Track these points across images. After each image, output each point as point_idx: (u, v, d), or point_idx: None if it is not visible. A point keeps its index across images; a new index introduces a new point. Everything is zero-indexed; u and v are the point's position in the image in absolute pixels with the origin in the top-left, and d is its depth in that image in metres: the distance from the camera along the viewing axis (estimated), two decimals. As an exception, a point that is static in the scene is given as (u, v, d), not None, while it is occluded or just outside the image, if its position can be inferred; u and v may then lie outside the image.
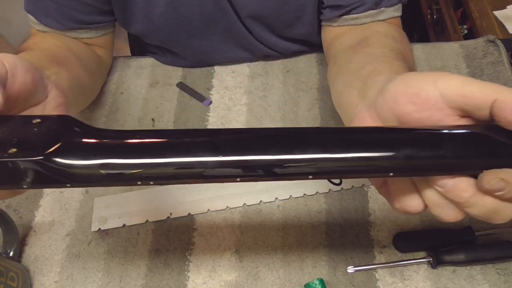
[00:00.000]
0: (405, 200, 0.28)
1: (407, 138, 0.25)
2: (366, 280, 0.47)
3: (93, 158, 0.24)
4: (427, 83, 0.26)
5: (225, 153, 0.24)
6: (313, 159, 0.25)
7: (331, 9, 0.54)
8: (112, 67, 0.69)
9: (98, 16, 0.58)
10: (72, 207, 0.55)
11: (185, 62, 0.68)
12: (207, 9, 0.58)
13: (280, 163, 0.25)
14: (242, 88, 0.65)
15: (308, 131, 0.27)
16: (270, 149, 0.25)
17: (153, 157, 0.24)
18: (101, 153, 0.25)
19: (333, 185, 0.54)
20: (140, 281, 0.49)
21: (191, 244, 0.52)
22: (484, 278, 0.47)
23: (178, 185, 0.56)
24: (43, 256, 0.52)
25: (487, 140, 0.25)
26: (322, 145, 0.25)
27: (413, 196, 0.28)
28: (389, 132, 0.26)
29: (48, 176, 0.25)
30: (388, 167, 0.25)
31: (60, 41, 0.55)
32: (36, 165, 0.24)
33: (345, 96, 0.40)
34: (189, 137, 0.25)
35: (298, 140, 0.25)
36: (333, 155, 0.25)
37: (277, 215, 0.53)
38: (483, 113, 0.25)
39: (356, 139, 0.25)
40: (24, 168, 0.24)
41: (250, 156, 0.24)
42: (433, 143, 0.25)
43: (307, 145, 0.25)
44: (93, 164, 0.24)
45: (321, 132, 0.27)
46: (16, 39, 1.64)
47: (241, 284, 0.48)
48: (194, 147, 0.25)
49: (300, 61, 0.68)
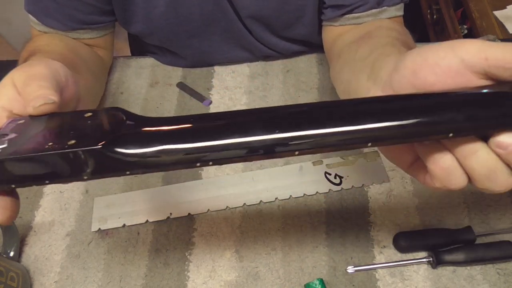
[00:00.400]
0: (448, 176, 0.27)
1: (456, 99, 0.25)
2: (366, 280, 0.47)
3: (151, 145, 0.25)
4: (445, 51, 0.26)
5: (282, 130, 0.25)
6: (384, 127, 0.25)
7: (333, 9, 0.54)
8: (112, 67, 0.69)
9: (99, 16, 0.58)
10: (72, 207, 0.55)
11: (185, 62, 0.68)
12: (207, 9, 0.58)
13: (341, 134, 0.25)
14: (242, 88, 0.65)
15: (361, 102, 0.27)
16: (329, 122, 0.25)
17: (213, 139, 0.25)
18: (159, 139, 0.25)
19: (333, 185, 0.54)
20: (140, 281, 0.49)
21: (191, 244, 0.52)
22: (484, 278, 0.47)
23: (178, 185, 0.56)
24: (43, 256, 0.52)
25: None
26: (389, 112, 0.25)
27: (456, 170, 0.27)
28: (439, 96, 0.26)
29: (108, 165, 0.26)
30: (450, 128, 0.25)
31: (68, 44, 0.55)
32: (96, 155, 0.25)
33: (354, 83, 0.39)
34: (244, 117, 0.26)
35: (356, 111, 0.26)
36: (402, 121, 0.25)
37: (277, 215, 0.53)
38: (509, 73, 0.25)
39: (416, 103, 0.26)
40: (84, 158, 0.25)
41: (305, 131, 0.25)
42: (486, 100, 0.25)
43: (367, 115, 0.25)
44: (152, 151, 0.25)
45: (384, 100, 0.27)
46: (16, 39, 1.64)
47: (241, 284, 0.48)
48: (251, 126, 0.25)
49: (300, 61, 0.68)
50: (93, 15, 0.57)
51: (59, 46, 0.53)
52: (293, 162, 0.57)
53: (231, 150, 0.25)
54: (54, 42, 0.54)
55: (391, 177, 0.55)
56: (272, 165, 0.57)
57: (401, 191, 0.53)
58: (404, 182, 0.54)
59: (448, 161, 0.27)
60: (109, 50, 0.64)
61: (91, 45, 0.60)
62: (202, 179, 0.57)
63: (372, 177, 0.55)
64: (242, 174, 0.56)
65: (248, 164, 0.57)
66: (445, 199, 0.52)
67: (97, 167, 0.26)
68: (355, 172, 0.55)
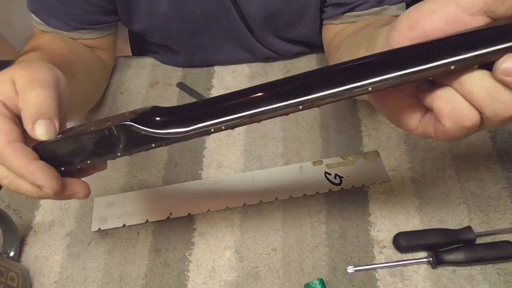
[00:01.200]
0: (455, 108, 0.27)
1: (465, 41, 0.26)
2: (366, 280, 0.47)
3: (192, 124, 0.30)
4: (438, 1, 0.26)
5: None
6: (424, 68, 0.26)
7: (334, 7, 0.54)
8: (112, 67, 0.69)
9: (102, 16, 0.58)
10: (72, 207, 0.55)
11: (186, 61, 0.68)
12: (210, 8, 0.58)
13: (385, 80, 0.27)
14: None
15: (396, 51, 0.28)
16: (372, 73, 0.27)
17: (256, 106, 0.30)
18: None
19: (333, 185, 0.54)
20: (140, 281, 0.49)
21: (191, 244, 0.52)
22: (484, 278, 0.47)
23: (178, 185, 0.56)
24: (43, 256, 0.52)
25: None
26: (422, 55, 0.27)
27: (460, 101, 0.27)
28: (443, 41, 0.27)
29: (136, 139, 0.30)
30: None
31: (69, 45, 0.55)
32: (126, 129, 0.30)
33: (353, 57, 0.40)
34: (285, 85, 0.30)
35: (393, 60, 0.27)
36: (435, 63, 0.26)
37: (277, 215, 0.53)
38: (505, 6, 0.25)
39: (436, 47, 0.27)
40: (117, 134, 0.30)
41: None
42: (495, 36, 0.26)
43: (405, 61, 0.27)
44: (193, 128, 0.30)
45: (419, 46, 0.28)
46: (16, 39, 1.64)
47: (241, 284, 0.48)
48: (311, 84, 0.29)
49: (300, 61, 0.68)
50: (97, 15, 0.57)
51: (60, 46, 0.53)
52: (293, 162, 0.57)
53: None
54: (55, 41, 0.54)
55: (391, 177, 0.55)
56: (272, 165, 0.57)
57: (401, 191, 0.53)
58: (404, 182, 0.54)
59: (451, 92, 0.27)
60: (111, 51, 0.64)
61: (93, 46, 0.60)
62: (202, 179, 0.57)
63: (372, 177, 0.55)
64: (242, 174, 0.56)
65: (248, 164, 0.57)
66: (445, 199, 0.52)
67: (128, 141, 0.30)
68: (355, 172, 0.55)
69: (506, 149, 0.56)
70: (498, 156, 0.55)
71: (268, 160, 0.58)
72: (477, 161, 0.55)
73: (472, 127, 0.27)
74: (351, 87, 0.27)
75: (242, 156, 0.58)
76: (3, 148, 0.30)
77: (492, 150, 0.56)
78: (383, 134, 0.58)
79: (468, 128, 0.27)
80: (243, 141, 0.60)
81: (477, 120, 0.27)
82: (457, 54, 0.26)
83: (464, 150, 0.56)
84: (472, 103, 0.27)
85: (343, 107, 0.62)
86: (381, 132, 0.59)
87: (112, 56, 0.65)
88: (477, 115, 0.27)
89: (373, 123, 0.60)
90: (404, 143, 0.57)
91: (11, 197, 0.56)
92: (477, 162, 0.55)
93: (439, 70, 0.26)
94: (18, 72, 0.33)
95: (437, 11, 0.26)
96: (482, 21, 0.26)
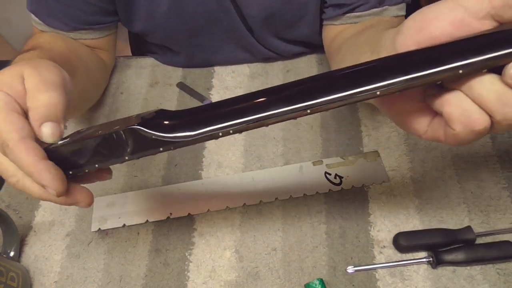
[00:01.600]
0: (465, 112, 0.27)
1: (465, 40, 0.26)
2: (366, 280, 0.47)
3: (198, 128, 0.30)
4: (448, 5, 0.26)
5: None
6: (434, 72, 0.26)
7: (334, 8, 0.54)
8: (112, 67, 0.69)
9: (102, 17, 0.58)
10: (72, 207, 0.55)
11: (186, 61, 0.68)
12: (210, 8, 0.58)
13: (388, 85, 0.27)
14: (242, 88, 0.65)
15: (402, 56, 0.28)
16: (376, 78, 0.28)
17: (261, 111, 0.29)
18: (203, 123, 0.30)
19: (333, 185, 0.54)
20: (140, 281, 0.49)
21: (191, 244, 0.52)
22: (484, 278, 0.47)
23: (178, 185, 0.56)
24: (43, 256, 0.52)
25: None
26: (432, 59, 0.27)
27: (470, 105, 0.27)
28: (455, 44, 0.27)
29: (144, 143, 0.31)
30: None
31: (69, 45, 0.55)
32: (134, 133, 0.30)
33: (357, 61, 0.39)
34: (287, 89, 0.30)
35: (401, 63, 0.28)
36: (448, 65, 0.26)
37: (277, 215, 0.53)
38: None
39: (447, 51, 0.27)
40: (125, 138, 0.31)
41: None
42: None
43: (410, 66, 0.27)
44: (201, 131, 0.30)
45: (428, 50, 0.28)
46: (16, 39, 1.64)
47: (241, 284, 0.48)
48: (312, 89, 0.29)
49: (300, 62, 0.68)
50: (96, 16, 0.57)
51: (59, 45, 0.53)
52: (293, 162, 0.57)
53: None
54: (55, 40, 0.54)
55: (391, 177, 0.55)
56: (272, 165, 0.57)
57: (401, 191, 0.53)
58: (404, 182, 0.54)
59: (460, 96, 0.27)
60: (111, 51, 0.64)
61: (93, 46, 0.60)
62: (202, 179, 0.57)
63: (372, 177, 0.55)
64: (242, 174, 0.56)
65: (248, 164, 0.57)
66: (445, 199, 0.52)
67: (136, 145, 0.31)
68: (355, 172, 0.55)
69: (506, 149, 0.56)
70: (498, 156, 0.55)
71: (268, 160, 0.58)
72: (477, 161, 0.55)
73: (483, 131, 0.27)
74: (359, 91, 0.27)
75: (242, 156, 0.58)
76: (15, 144, 0.30)
77: (492, 150, 0.56)
78: (383, 134, 0.58)
79: (479, 132, 0.27)
80: (243, 141, 0.60)
81: (487, 124, 0.27)
82: (466, 58, 0.26)
83: (464, 150, 0.56)
84: (482, 107, 0.27)
85: (343, 107, 0.62)
86: (381, 132, 0.59)
87: (112, 56, 0.65)
88: (488, 119, 0.27)
89: (373, 123, 0.60)
90: (404, 143, 0.57)
91: (11, 197, 0.56)
92: (477, 162, 0.55)
93: (448, 74, 0.26)
94: (28, 70, 0.32)
95: (444, 15, 0.26)
96: (489, 25, 0.26)
